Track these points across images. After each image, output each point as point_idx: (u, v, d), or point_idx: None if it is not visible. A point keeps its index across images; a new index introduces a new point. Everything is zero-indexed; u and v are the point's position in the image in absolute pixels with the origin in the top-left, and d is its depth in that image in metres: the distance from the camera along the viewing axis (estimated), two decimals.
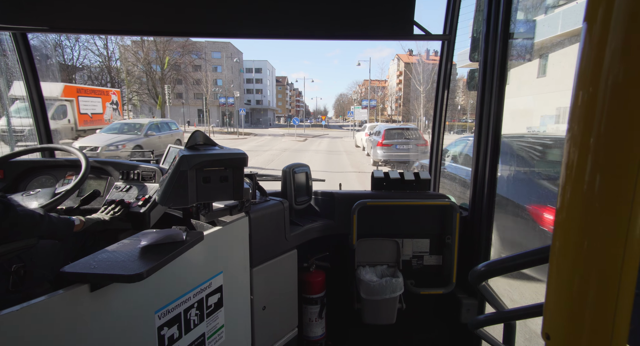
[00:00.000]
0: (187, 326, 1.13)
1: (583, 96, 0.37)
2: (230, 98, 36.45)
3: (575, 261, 0.39)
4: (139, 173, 1.58)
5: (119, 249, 0.96)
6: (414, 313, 2.03)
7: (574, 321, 0.40)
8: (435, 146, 2.20)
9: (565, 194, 0.40)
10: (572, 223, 0.39)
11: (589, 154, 0.37)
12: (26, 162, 1.64)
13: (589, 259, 0.38)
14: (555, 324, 0.42)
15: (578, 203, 0.38)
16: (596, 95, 0.36)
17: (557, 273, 0.41)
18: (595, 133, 0.36)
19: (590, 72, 0.37)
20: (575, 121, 0.38)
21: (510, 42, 1.67)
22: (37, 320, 0.74)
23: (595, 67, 0.36)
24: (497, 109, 1.71)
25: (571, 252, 0.39)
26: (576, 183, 0.38)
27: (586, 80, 0.37)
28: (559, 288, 0.41)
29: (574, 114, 0.38)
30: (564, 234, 0.40)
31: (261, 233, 1.53)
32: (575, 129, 0.38)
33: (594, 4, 0.36)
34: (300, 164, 1.92)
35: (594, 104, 0.36)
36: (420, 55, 37.03)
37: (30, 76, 1.95)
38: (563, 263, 0.41)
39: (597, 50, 0.36)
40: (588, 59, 0.37)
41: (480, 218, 1.84)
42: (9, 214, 0.95)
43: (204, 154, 1.14)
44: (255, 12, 1.77)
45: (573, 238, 0.39)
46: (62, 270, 0.82)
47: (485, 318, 1.16)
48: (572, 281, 0.40)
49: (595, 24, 0.36)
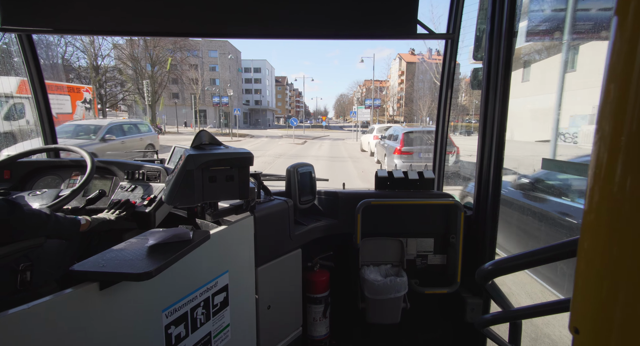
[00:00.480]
0: (194, 325, 1.14)
1: (613, 92, 0.36)
2: (224, 97, 34.72)
3: (604, 261, 0.39)
4: (144, 173, 1.58)
5: (127, 248, 0.96)
6: (418, 313, 2.03)
7: (603, 316, 0.40)
8: (439, 145, 2.19)
9: (594, 196, 0.39)
10: (601, 224, 0.39)
11: (620, 154, 0.36)
12: (32, 162, 1.64)
13: (619, 259, 0.38)
14: (585, 318, 0.42)
15: (608, 205, 0.38)
16: (627, 92, 0.35)
17: (586, 272, 0.41)
18: (627, 132, 0.35)
19: (621, 68, 0.36)
20: (605, 119, 0.37)
21: (514, 40, 1.67)
22: (47, 318, 0.74)
23: (626, 62, 0.35)
24: (501, 108, 1.71)
25: (600, 252, 0.39)
26: (606, 184, 0.37)
27: (617, 76, 0.36)
28: (588, 286, 0.41)
29: (604, 112, 0.37)
30: (593, 235, 0.40)
31: (266, 233, 1.53)
32: (605, 128, 0.37)
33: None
34: (304, 163, 1.92)
35: (625, 101, 0.35)
36: (422, 54, 36.62)
37: (36, 77, 1.96)
38: (592, 262, 0.40)
39: (629, 44, 0.35)
40: (619, 54, 0.36)
41: (485, 217, 1.83)
42: (16, 214, 0.95)
43: (210, 154, 1.14)
44: (257, 12, 1.77)
45: (602, 239, 0.39)
46: (72, 268, 0.82)
47: (492, 317, 1.16)
48: (602, 280, 0.39)
49: (627, 17, 0.35)
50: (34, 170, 1.63)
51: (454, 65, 2.08)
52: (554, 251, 0.81)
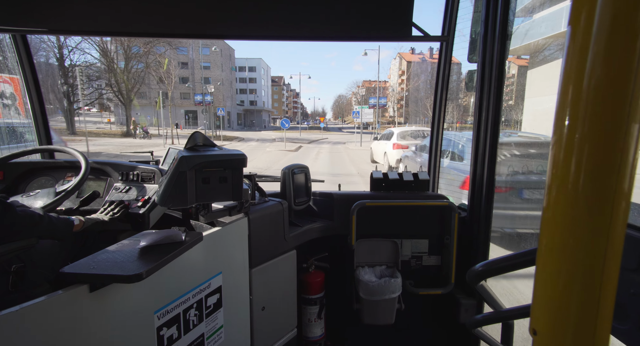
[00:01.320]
0: (187, 326, 1.14)
1: (567, 97, 0.38)
2: (206, 95, 30.41)
3: (560, 259, 0.40)
4: (139, 174, 1.58)
5: (118, 250, 0.97)
6: (412, 314, 2.03)
7: (559, 317, 0.41)
8: (434, 146, 2.20)
9: (551, 194, 0.40)
10: (557, 222, 0.40)
11: (574, 154, 0.38)
12: (26, 163, 1.64)
13: (574, 257, 0.39)
14: (542, 320, 0.43)
15: (563, 202, 0.39)
16: (580, 96, 0.37)
17: (543, 271, 0.42)
18: (579, 133, 0.37)
19: (574, 74, 0.38)
20: (561, 122, 0.39)
21: (508, 42, 1.68)
22: (36, 321, 0.75)
23: (578, 69, 0.37)
24: (495, 109, 1.72)
25: (556, 250, 0.40)
26: (561, 183, 0.39)
27: (570, 82, 0.38)
28: (545, 285, 0.42)
29: (559, 115, 0.39)
30: (549, 233, 0.41)
31: (260, 234, 1.53)
32: (561, 130, 0.39)
33: (578, 7, 0.37)
34: (300, 165, 1.93)
35: (578, 105, 0.37)
36: (422, 53, 35.81)
37: (30, 78, 1.96)
38: (549, 261, 0.41)
39: (580, 52, 0.37)
40: (572, 61, 0.38)
41: (479, 219, 1.84)
42: (8, 214, 0.95)
43: (203, 155, 1.15)
44: (256, 14, 1.77)
45: (558, 237, 0.40)
46: (62, 271, 0.82)
47: (482, 317, 1.16)
48: (558, 279, 0.41)
49: (579, 27, 0.37)
50: (27, 171, 1.63)
51: (449, 67, 2.09)
52: None
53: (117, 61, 28.67)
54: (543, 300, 0.42)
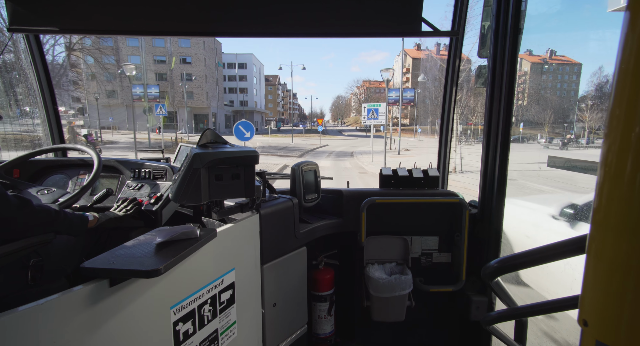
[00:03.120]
0: (201, 321, 1.15)
1: (625, 90, 0.36)
2: (152, 87, 19.80)
3: (613, 257, 0.39)
4: (151, 172, 1.59)
5: (135, 246, 0.98)
6: (423, 311, 2.03)
7: (613, 309, 0.40)
8: (444, 143, 2.19)
9: (603, 193, 0.39)
10: (610, 221, 0.39)
11: (630, 151, 0.36)
12: (40, 161, 1.66)
13: (628, 255, 0.38)
14: (594, 311, 0.43)
15: (617, 202, 0.38)
16: (638, 93, 0.35)
17: (595, 267, 0.42)
18: (637, 130, 0.35)
19: (633, 65, 0.35)
20: (616, 117, 0.37)
21: (520, 37, 1.66)
22: (58, 315, 0.76)
23: (638, 59, 0.34)
24: (507, 105, 1.70)
25: (609, 249, 0.40)
26: (615, 182, 0.38)
27: (628, 73, 0.36)
28: (597, 281, 0.42)
29: (614, 110, 0.37)
30: (603, 231, 0.40)
31: (271, 231, 1.54)
32: (615, 126, 0.37)
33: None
34: (309, 162, 1.93)
35: (636, 99, 0.35)
36: (429, 50, 34.06)
37: (43, 78, 1.98)
38: (602, 258, 0.41)
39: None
40: (630, 51, 0.35)
41: (490, 216, 1.83)
42: (26, 209, 0.97)
43: (216, 152, 1.15)
44: (266, 10, 1.78)
45: (612, 235, 0.39)
46: (83, 265, 0.83)
47: (497, 314, 1.16)
48: (611, 275, 0.40)
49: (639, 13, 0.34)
50: (42, 169, 1.65)
51: (459, 62, 2.08)
52: (561, 249, 0.81)
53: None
54: (594, 293, 0.42)
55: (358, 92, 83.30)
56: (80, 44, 23.93)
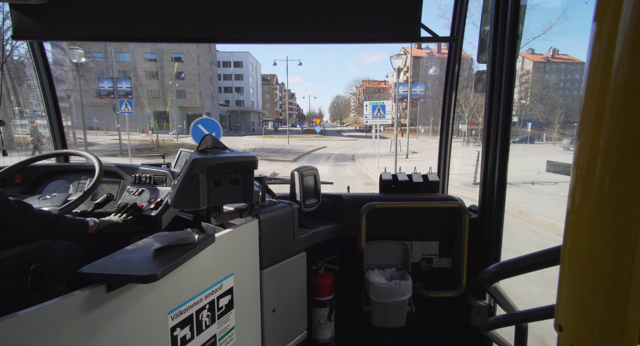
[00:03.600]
0: (199, 327, 1.15)
1: (593, 96, 0.37)
2: (121, 82, 15.82)
3: (586, 259, 0.40)
4: (151, 177, 1.61)
5: (133, 251, 0.98)
6: (423, 316, 2.01)
7: (586, 313, 0.40)
8: (444, 147, 2.19)
9: (576, 196, 0.40)
10: (583, 223, 0.40)
11: (599, 155, 0.37)
12: (42, 167, 1.68)
13: (600, 257, 0.39)
14: (568, 316, 0.43)
15: (589, 204, 0.39)
16: (606, 95, 0.36)
17: (569, 270, 0.42)
18: (605, 134, 0.36)
19: (600, 72, 0.37)
20: (586, 122, 0.38)
21: (518, 42, 1.67)
22: (56, 320, 0.76)
23: (605, 67, 0.36)
24: (506, 110, 1.70)
25: (583, 251, 0.40)
26: (587, 184, 0.38)
27: (596, 80, 0.37)
28: (571, 284, 0.42)
29: (585, 115, 0.38)
30: (575, 234, 0.41)
31: (271, 236, 1.54)
32: (585, 130, 0.38)
33: (604, 3, 0.36)
34: (309, 167, 1.94)
35: (604, 105, 0.36)
36: (429, 48, 32.97)
37: (47, 84, 2.01)
38: (575, 260, 0.41)
39: (607, 49, 0.36)
40: (598, 59, 0.37)
41: (490, 220, 1.83)
42: (27, 215, 0.98)
43: (215, 158, 1.16)
44: (268, 17, 1.80)
45: (584, 238, 0.40)
46: (80, 271, 0.84)
47: (496, 320, 1.15)
48: (584, 278, 0.40)
49: (605, 23, 0.36)
50: (44, 174, 1.67)
51: (459, 67, 2.09)
52: (560, 253, 0.81)
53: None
54: (569, 297, 0.42)
55: (357, 92, 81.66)
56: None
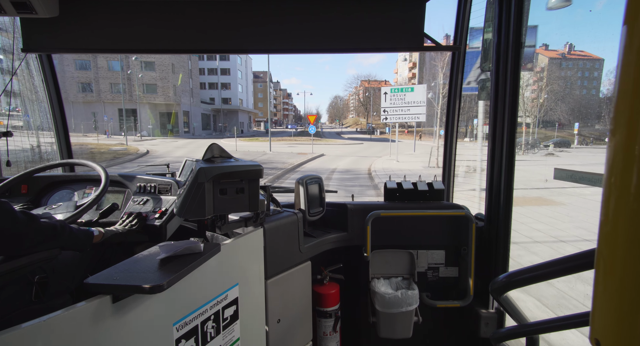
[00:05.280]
0: (204, 338, 1.13)
1: (626, 101, 0.36)
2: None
3: (623, 271, 0.38)
4: (156, 186, 1.61)
5: (139, 261, 0.98)
6: (430, 327, 1.98)
7: (626, 327, 0.39)
8: (448, 155, 2.19)
9: (610, 205, 0.39)
10: (618, 233, 0.38)
11: (635, 162, 0.35)
12: (48, 177, 1.69)
13: (638, 269, 0.37)
14: (606, 330, 0.41)
15: (624, 214, 0.37)
16: (639, 101, 0.35)
17: (605, 282, 0.41)
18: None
19: (633, 77, 0.36)
20: (619, 128, 0.37)
21: (522, 51, 1.68)
22: (61, 332, 0.75)
23: (637, 70, 0.35)
24: (511, 118, 1.70)
25: (619, 263, 0.39)
26: (622, 194, 0.37)
27: (629, 85, 0.36)
28: (608, 296, 0.40)
29: (618, 121, 0.37)
30: (611, 245, 0.40)
31: (275, 245, 1.53)
32: (619, 137, 0.37)
33: (635, 5, 0.35)
34: (313, 175, 1.93)
35: (638, 111, 0.35)
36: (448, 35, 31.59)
37: (54, 95, 2.04)
38: (611, 272, 0.40)
39: (639, 53, 0.35)
40: (629, 63, 0.36)
41: (497, 229, 1.81)
42: (33, 226, 0.98)
43: (221, 167, 1.16)
44: (276, 29, 1.82)
45: (620, 250, 0.39)
46: (86, 281, 0.83)
47: (507, 331, 1.12)
48: (622, 290, 0.39)
49: (636, 25, 0.35)
50: (50, 184, 1.67)
51: (462, 76, 2.09)
52: (571, 263, 0.79)
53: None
54: (606, 311, 0.41)
55: (356, 92, 77.38)
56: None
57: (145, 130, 27.79)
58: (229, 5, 1.79)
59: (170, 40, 1.86)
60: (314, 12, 1.80)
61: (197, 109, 37.58)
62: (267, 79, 70.24)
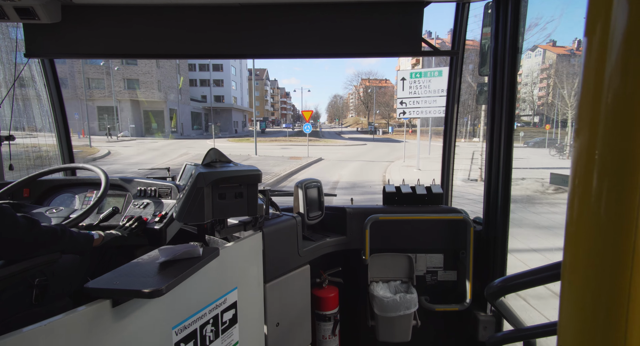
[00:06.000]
0: (203, 342, 1.14)
1: (587, 109, 0.38)
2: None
3: (586, 275, 0.39)
4: (156, 190, 1.62)
5: (138, 265, 0.99)
6: (429, 331, 1.98)
7: (587, 333, 0.40)
8: (447, 159, 2.20)
9: (574, 208, 0.40)
10: (581, 236, 0.40)
11: (595, 167, 0.37)
12: (49, 181, 1.70)
13: (600, 272, 0.38)
14: (570, 337, 0.42)
15: (586, 217, 0.39)
16: (599, 109, 0.37)
17: (569, 287, 0.42)
18: (600, 146, 0.37)
19: (593, 86, 0.38)
20: (581, 134, 0.39)
21: (519, 56, 1.69)
22: (61, 336, 0.76)
23: (597, 81, 0.37)
24: (508, 122, 1.71)
25: (582, 265, 0.40)
26: (584, 197, 0.39)
27: (589, 94, 0.38)
28: (572, 301, 0.41)
29: (580, 127, 0.39)
30: (574, 248, 0.41)
31: (274, 249, 1.54)
32: (581, 143, 0.39)
33: (593, 18, 0.37)
34: (312, 179, 1.95)
35: (598, 118, 0.37)
36: (440, 38, 30.78)
37: (56, 99, 2.06)
38: (575, 276, 0.41)
39: (598, 64, 0.37)
40: (589, 72, 0.38)
41: (495, 233, 1.81)
42: (34, 230, 0.99)
43: (220, 172, 1.17)
44: (275, 33, 1.84)
45: (583, 252, 0.40)
46: (86, 286, 0.84)
47: (503, 336, 1.13)
48: (585, 295, 0.40)
49: (594, 38, 0.37)
50: (51, 188, 1.69)
51: (460, 80, 2.11)
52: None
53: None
54: (570, 316, 0.42)
55: (357, 90, 74.46)
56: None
57: (127, 130, 25.23)
58: (228, 10, 1.81)
59: (171, 45, 1.88)
60: (313, 18, 1.82)
61: (186, 107, 34.85)
62: (261, 76, 66.11)
